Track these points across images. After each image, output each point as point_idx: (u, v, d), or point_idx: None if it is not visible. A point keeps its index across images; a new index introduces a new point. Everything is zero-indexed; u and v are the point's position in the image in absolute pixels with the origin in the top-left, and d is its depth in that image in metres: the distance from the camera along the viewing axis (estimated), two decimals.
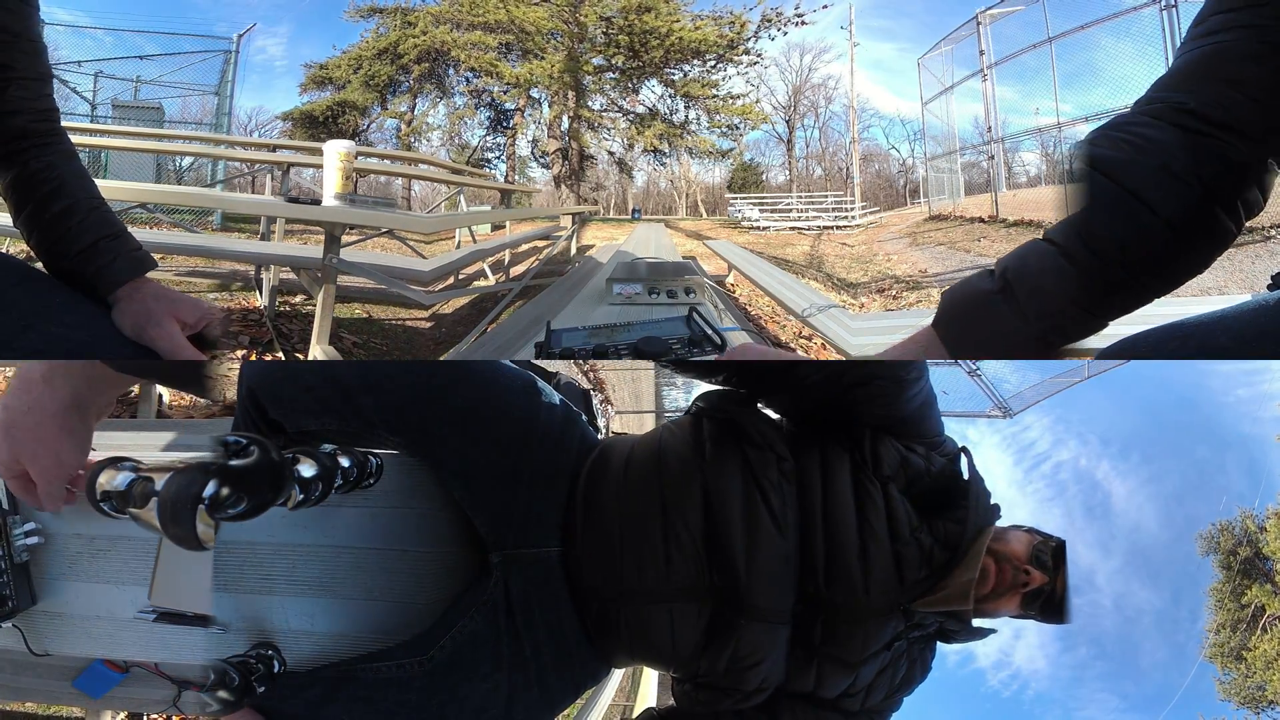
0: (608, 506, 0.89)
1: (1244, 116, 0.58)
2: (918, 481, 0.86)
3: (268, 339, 3.48)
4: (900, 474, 0.86)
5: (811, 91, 16.93)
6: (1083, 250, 0.63)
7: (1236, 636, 9.52)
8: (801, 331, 4.51)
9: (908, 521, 0.84)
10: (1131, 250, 0.62)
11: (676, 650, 0.87)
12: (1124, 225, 0.62)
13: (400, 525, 0.95)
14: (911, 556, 0.83)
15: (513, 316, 2.89)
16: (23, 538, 0.92)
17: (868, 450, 0.86)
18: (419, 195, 14.48)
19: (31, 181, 0.86)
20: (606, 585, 0.87)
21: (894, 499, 0.84)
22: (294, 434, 0.89)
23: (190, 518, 0.58)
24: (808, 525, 0.84)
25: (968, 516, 0.85)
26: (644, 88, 14.83)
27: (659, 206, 18.41)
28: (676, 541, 0.85)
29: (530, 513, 0.89)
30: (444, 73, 14.53)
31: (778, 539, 0.83)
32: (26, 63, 0.84)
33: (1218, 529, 10.15)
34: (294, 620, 0.92)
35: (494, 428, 0.89)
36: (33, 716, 1.89)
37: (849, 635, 0.84)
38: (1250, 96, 0.58)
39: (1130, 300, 0.66)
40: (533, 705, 0.87)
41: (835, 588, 0.83)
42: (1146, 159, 0.61)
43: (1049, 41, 8.78)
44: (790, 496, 0.85)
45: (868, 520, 0.83)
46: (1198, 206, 0.61)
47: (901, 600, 0.84)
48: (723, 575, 0.84)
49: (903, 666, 0.89)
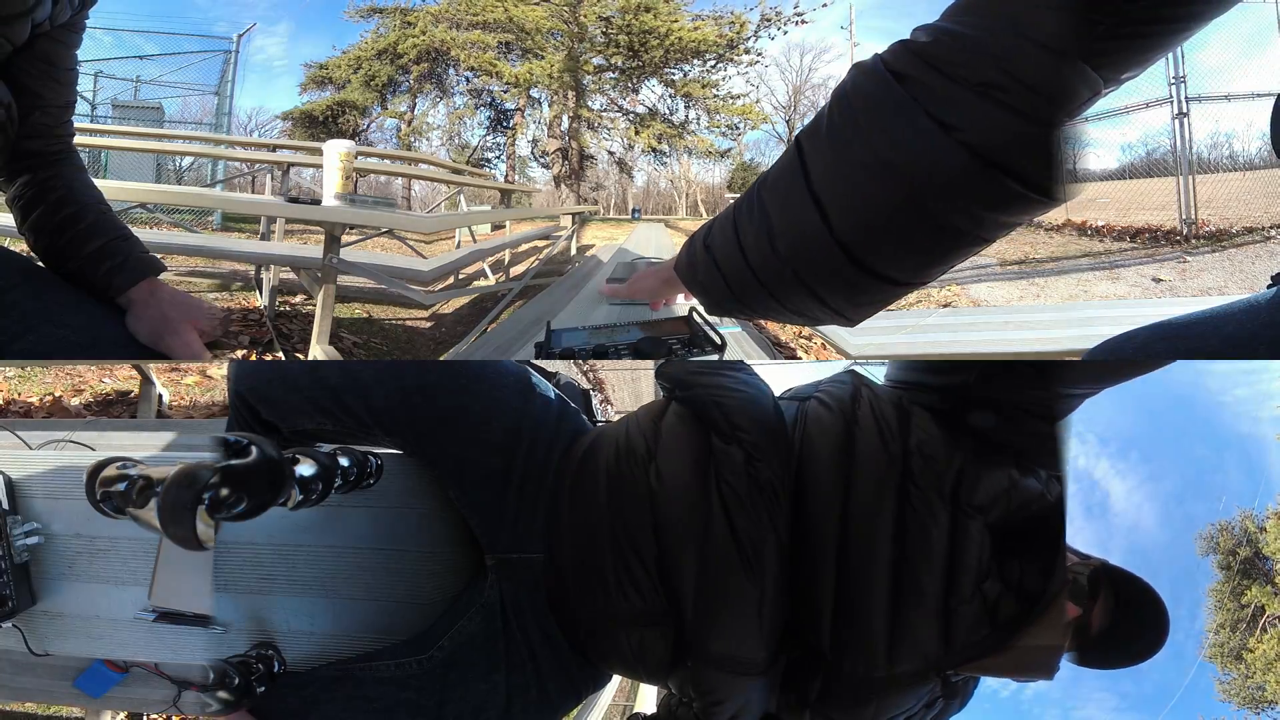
0: (562, 517, 0.77)
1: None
2: (1019, 513, 0.60)
3: (268, 339, 3.48)
4: (999, 504, 0.60)
5: (811, 92, 16.91)
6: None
7: (1236, 637, 9.52)
8: (801, 331, 4.51)
9: (978, 570, 0.58)
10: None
11: (646, 671, 0.77)
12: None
13: (400, 525, 0.95)
14: (971, 614, 0.59)
15: (513, 316, 2.88)
16: (23, 538, 0.91)
17: (955, 465, 0.59)
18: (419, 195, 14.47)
19: (39, 189, 0.87)
20: (572, 599, 0.78)
21: (969, 538, 0.58)
22: (289, 433, 0.88)
23: (190, 518, 0.58)
24: (810, 560, 0.62)
25: (1057, 561, 0.59)
26: (644, 88, 14.82)
27: (659, 206, 18.40)
28: (625, 568, 0.70)
29: (520, 516, 0.84)
30: (444, 72, 14.52)
31: (743, 579, 0.62)
32: (56, 92, 0.85)
33: (1217, 529, 10.15)
34: (294, 620, 0.92)
35: (484, 427, 0.86)
36: (33, 716, 1.89)
37: (856, 704, 0.63)
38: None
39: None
40: (532, 706, 0.86)
41: (845, 653, 0.61)
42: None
43: None
44: (773, 517, 0.63)
45: (912, 565, 0.58)
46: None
47: (944, 666, 0.61)
48: (675, 609, 0.67)
49: (936, 708, 0.67)
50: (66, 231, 0.86)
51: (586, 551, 0.74)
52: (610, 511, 0.71)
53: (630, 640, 0.72)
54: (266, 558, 0.93)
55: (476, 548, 0.95)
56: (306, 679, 0.82)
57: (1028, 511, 0.61)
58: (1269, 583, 9.44)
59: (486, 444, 0.85)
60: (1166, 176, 6.87)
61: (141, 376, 2.35)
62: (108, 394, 2.76)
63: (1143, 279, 5.30)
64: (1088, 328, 2.34)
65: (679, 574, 0.66)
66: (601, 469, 0.73)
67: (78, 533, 0.94)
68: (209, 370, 2.90)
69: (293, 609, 0.92)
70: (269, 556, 0.93)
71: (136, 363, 2.29)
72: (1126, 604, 0.64)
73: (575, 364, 3.10)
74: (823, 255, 0.46)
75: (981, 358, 1.35)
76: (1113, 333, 0.75)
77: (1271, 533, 9.44)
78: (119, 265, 0.86)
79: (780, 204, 0.49)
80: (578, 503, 0.75)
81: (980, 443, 0.62)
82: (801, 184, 0.47)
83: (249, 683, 0.80)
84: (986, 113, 0.40)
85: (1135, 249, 6.37)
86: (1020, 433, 0.62)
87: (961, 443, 0.61)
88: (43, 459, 0.97)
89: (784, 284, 0.49)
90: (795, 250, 0.48)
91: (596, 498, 0.73)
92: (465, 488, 0.87)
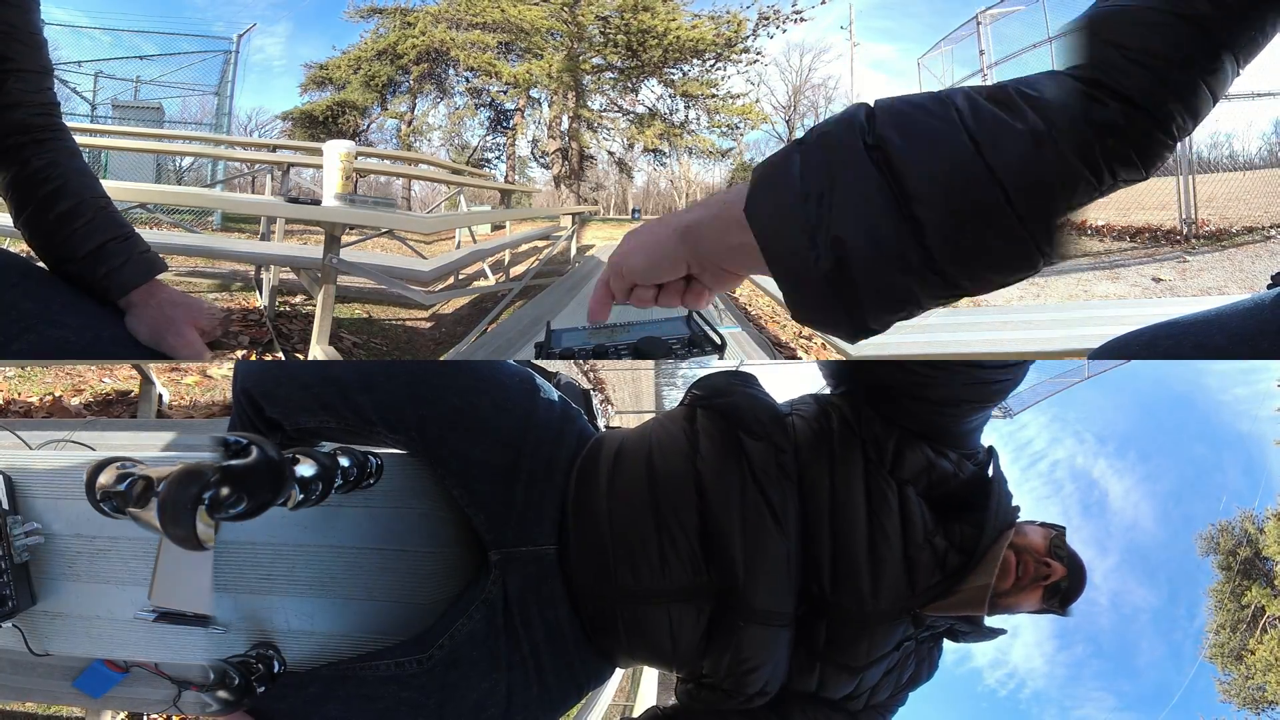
0: (596, 505, 0.86)
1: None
2: (941, 485, 0.83)
3: (268, 339, 3.48)
4: (922, 477, 0.82)
5: (811, 91, 16.92)
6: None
7: (1236, 637, 9.52)
8: (802, 331, 4.51)
9: (923, 526, 0.81)
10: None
11: (677, 652, 0.86)
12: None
13: (400, 525, 0.95)
14: (925, 561, 0.81)
15: (513, 316, 2.89)
16: (23, 538, 0.91)
17: (890, 450, 0.82)
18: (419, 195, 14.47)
19: (33, 180, 0.84)
20: (601, 585, 0.85)
21: (910, 501, 0.81)
22: (292, 432, 0.88)
23: (190, 518, 0.58)
24: (813, 524, 0.81)
25: (987, 520, 0.82)
26: (643, 87, 14.82)
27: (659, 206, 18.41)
28: (671, 541, 0.82)
29: (528, 510, 0.88)
30: (444, 73, 14.52)
31: (778, 538, 0.80)
32: (26, 55, 0.83)
33: (1217, 529, 10.16)
34: (294, 620, 0.92)
35: (491, 426, 0.89)
36: (33, 716, 1.89)
37: (854, 640, 0.82)
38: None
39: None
40: (533, 704, 0.86)
41: (841, 592, 0.80)
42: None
43: (1049, 41, 8.77)
44: (791, 492, 0.82)
45: (879, 523, 0.80)
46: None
47: (912, 605, 0.82)
48: (720, 575, 0.82)
49: (910, 666, 0.88)
50: (64, 229, 0.84)
51: (630, 534, 0.83)
52: (656, 496, 0.84)
53: (671, 616, 0.83)
54: (266, 558, 0.93)
55: (476, 547, 0.95)
56: (307, 679, 0.83)
57: (948, 485, 0.83)
58: (1269, 583, 9.44)
59: (494, 442, 0.88)
60: (1166, 176, 6.87)
61: (141, 376, 2.35)
62: (108, 394, 2.77)
63: (1143, 279, 5.30)
64: (1088, 328, 2.33)
65: (725, 539, 0.80)
66: (643, 461, 0.86)
67: (78, 533, 0.94)
68: (209, 370, 2.91)
69: (292, 609, 0.92)
70: (269, 556, 0.93)
71: (136, 363, 2.30)
72: (1079, 571, 0.85)
73: (575, 364, 3.10)
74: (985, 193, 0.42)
75: (981, 357, 1.36)
76: (1113, 332, 0.75)
77: (1271, 534, 9.44)
78: (120, 266, 0.84)
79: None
80: (616, 492, 0.85)
81: (902, 431, 0.83)
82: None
83: (249, 683, 0.80)
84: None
85: (1135, 249, 6.37)
86: (919, 422, 0.83)
87: (890, 431, 0.83)
88: (43, 459, 0.97)
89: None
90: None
91: (639, 486, 0.85)
92: (471, 485, 0.88)
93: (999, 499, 0.84)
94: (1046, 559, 0.83)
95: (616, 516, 0.85)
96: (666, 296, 0.58)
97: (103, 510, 0.68)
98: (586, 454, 0.90)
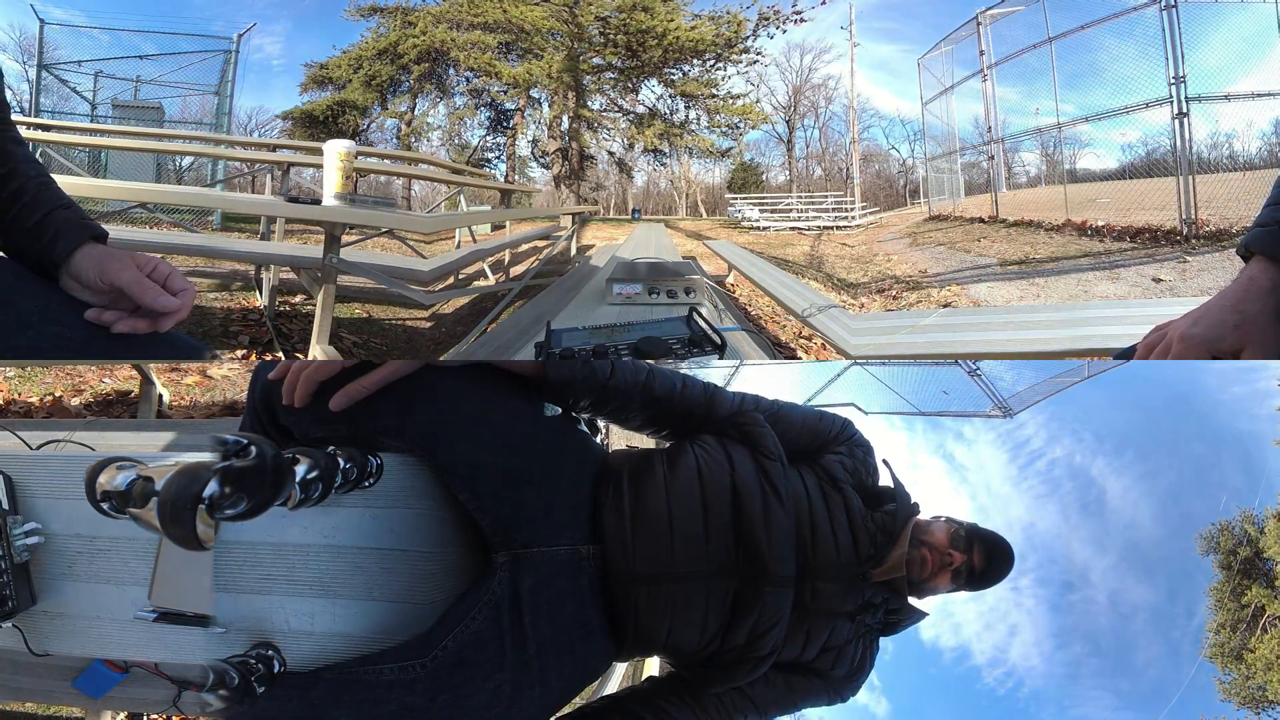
0: (657, 504, 1.02)
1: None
2: (860, 487, 1.13)
3: (268, 339, 3.48)
4: (848, 479, 1.11)
5: (811, 92, 16.95)
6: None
7: (1236, 637, 9.52)
8: (802, 331, 4.51)
9: (860, 511, 1.08)
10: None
11: (707, 624, 0.99)
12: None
13: (400, 525, 0.95)
14: (864, 537, 1.06)
15: (513, 316, 2.88)
16: (23, 538, 0.91)
17: (822, 466, 1.12)
18: (419, 195, 14.48)
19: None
20: (650, 570, 0.99)
21: (850, 496, 1.09)
22: (303, 440, 0.89)
23: (190, 518, 0.58)
24: (800, 513, 1.05)
25: (897, 510, 1.09)
26: (643, 87, 14.82)
27: (659, 206, 18.41)
28: (715, 526, 1.00)
29: (549, 512, 0.94)
30: (444, 73, 14.53)
31: (784, 518, 1.01)
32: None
33: (1217, 529, 10.15)
34: (294, 620, 0.92)
35: (501, 430, 0.92)
36: (33, 716, 1.89)
37: (831, 591, 1.04)
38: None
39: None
40: (535, 704, 0.87)
41: (818, 553, 1.04)
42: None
43: (1049, 41, 8.77)
44: (789, 490, 1.04)
45: (834, 510, 1.07)
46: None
47: (862, 568, 1.05)
48: (748, 550, 1.00)
49: (860, 646, 1.08)
50: (11, 206, 0.85)
51: (686, 525, 1.00)
52: (706, 496, 1.02)
53: (712, 589, 0.99)
54: (266, 558, 0.93)
55: (476, 547, 0.95)
56: (311, 681, 0.82)
57: (866, 485, 1.15)
58: (1269, 583, 9.44)
59: (504, 447, 0.92)
60: (1166, 176, 6.87)
61: (141, 377, 2.35)
62: (108, 394, 2.77)
63: (1143, 279, 5.30)
64: (1088, 328, 2.33)
65: (750, 522, 1.00)
66: (692, 470, 1.05)
67: (78, 533, 0.94)
68: (209, 370, 2.91)
69: (293, 609, 0.92)
70: (269, 556, 0.93)
71: (137, 363, 2.30)
72: (989, 552, 1.09)
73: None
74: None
75: (982, 357, 1.42)
76: (1113, 332, 0.75)
77: (1271, 534, 9.44)
78: (64, 228, 0.85)
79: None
80: (675, 494, 1.03)
81: (825, 456, 1.15)
82: None
83: (249, 683, 0.80)
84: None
85: (1135, 249, 6.37)
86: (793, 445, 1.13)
87: (812, 457, 1.15)
88: (43, 459, 0.97)
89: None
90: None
91: (691, 485, 1.03)
92: (479, 489, 0.91)
93: (901, 497, 1.11)
94: (949, 551, 1.07)
95: (676, 512, 1.01)
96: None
97: (103, 510, 0.68)
98: (637, 464, 1.08)
